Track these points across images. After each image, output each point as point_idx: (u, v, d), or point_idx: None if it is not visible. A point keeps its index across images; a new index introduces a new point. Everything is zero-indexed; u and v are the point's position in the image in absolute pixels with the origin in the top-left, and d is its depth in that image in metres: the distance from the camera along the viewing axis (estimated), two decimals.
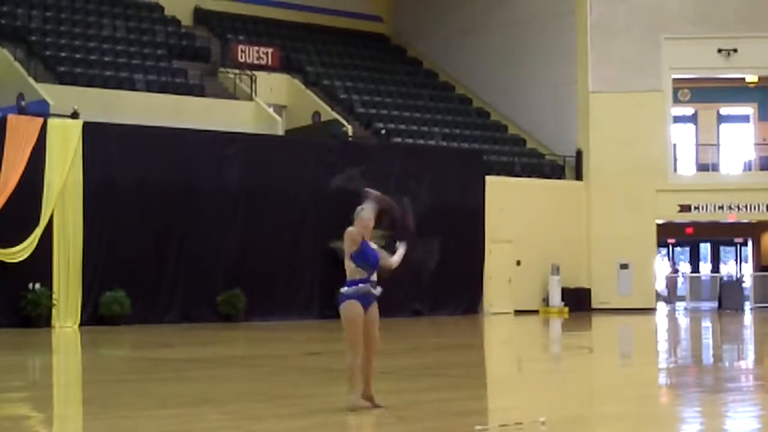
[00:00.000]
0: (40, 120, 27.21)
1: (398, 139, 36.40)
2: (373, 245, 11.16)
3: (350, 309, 10.97)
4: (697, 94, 43.14)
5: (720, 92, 43.65)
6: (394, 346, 22.70)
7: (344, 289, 11.04)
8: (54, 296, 26.78)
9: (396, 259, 11.16)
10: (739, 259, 46.62)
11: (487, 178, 34.95)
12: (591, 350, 22.64)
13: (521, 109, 40.47)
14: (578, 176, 38.32)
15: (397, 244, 11.23)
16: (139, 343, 23.39)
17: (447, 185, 33.33)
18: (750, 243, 45.44)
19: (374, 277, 11.08)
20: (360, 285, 10.98)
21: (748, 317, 34.47)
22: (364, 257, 11.00)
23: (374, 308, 11.13)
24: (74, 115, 28.20)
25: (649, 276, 38.32)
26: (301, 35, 41.99)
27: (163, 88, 33.38)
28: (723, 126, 45.04)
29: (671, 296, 42.97)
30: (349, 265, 11.03)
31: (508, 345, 24.80)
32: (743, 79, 41.89)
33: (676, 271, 45.86)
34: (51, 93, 29.98)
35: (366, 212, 11.11)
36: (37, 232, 26.68)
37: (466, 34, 42.11)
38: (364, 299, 11.02)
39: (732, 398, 13.12)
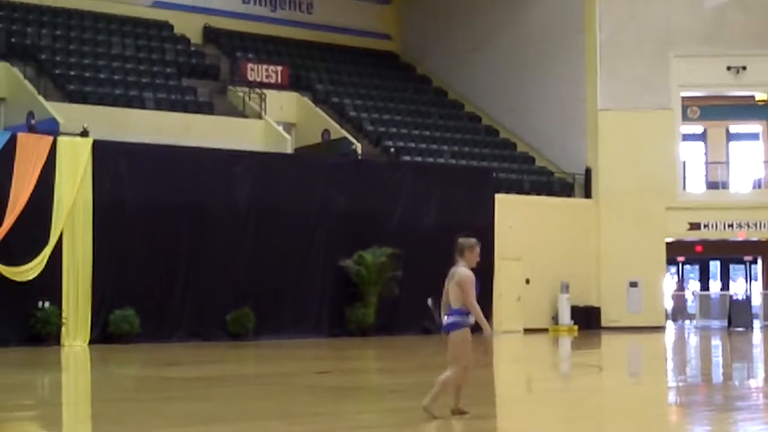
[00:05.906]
0: (50, 138, 27.25)
1: (407, 157, 36.40)
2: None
3: (467, 335, 11.94)
4: (707, 111, 43.06)
5: (729, 110, 43.57)
6: (404, 363, 22.73)
7: (460, 318, 11.97)
8: (63, 314, 26.77)
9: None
10: (749, 277, 46.49)
11: (497, 195, 34.93)
12: (601, 369, 22.59)
13: (530, 126, 40.47)
14: (587, 194, 38.29)
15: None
16: (148, 361, 23.37)
17: (456, 203, 33.34)
18: (760, 261, 45.30)
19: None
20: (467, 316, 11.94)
21: (757, 335, 34.35)
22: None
23: None
24: (84, 134, 28.26)
25: (658, 294, 38.24)
26: (310, 53, 42.06)
27: (172, 107, 33.45)
28: (732, 144, 44.98)
29: (676, 314, 42.83)
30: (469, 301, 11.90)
31: (518, 363, 24.73)
32: (753, 96, 41.84)
33: (683, 289, 45.70)
34: (61, 111, 30.05)
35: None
36: (47, 250, 26.70)
37: (475, 52, 42.15)
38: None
39: (742, 417, 13.07)
